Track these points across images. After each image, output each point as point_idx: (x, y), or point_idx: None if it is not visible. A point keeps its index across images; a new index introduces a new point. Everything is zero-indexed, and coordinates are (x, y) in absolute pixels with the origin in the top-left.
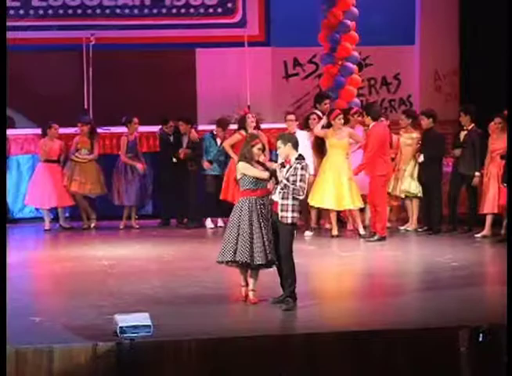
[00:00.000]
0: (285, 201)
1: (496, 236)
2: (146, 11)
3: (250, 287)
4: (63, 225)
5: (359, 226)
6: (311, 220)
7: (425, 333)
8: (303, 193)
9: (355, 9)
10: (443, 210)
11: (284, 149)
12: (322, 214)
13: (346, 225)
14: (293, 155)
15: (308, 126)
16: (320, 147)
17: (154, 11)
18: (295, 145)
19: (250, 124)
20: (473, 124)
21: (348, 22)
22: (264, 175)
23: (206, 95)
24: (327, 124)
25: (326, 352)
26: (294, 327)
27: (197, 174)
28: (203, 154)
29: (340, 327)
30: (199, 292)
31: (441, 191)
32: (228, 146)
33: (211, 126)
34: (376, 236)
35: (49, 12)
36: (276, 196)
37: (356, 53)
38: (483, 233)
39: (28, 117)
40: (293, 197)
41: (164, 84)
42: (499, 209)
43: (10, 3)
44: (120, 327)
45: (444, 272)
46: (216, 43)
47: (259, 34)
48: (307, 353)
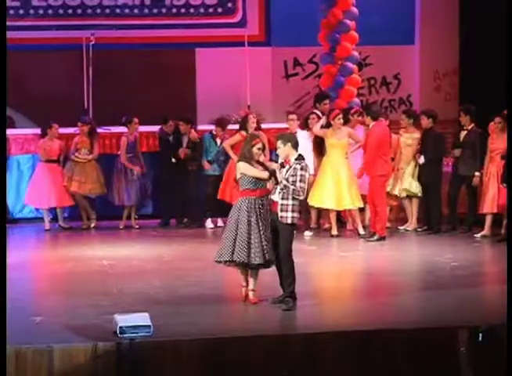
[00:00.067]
0: (285, 201)
1: (496, 236)
2: (145, 11)
3: (250, 286)
4: (62, 226)
5: (359, 226)
6: (311, 220)
7: (425, 333)
8: (303, 193)
9: (355, 9)
10: (443, 210)
11: (284, 149)
12: (322, 214)
13: (346, 225)
14: (292, 155)
15: (308, 126)
16: (320, 147)
17: (154, 11)
18: (295, 145)
19: (252, 125)
20: (473, 124)
21: (348, 22)
22: (263, 175)
23: (206, 95)
24: (327, 124)
25: (325, 352)
26: (294, 327)
27: (197, 174)
28: (203, 154)
29: (340, 326)
30: (199, 292)
31: (440, 191)
32: (228, 146)
33: (211, 126)
34: (376, 236)
35: (49, 11)
36: (276, 196)
37: (356, 53)
38: (483, 232)
39: (28, 117)
40: (293, 197)
41: (163, 84)
42: (498, 209)
43: (10, 3)
44: (119, 327)
45: (444, 271)
46: (216, 43)
47: (259, 33)
48: (307, 353)
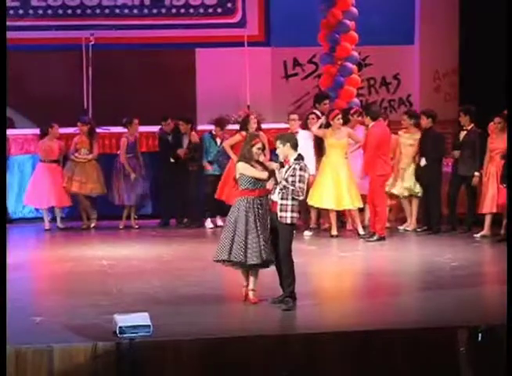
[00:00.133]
0: (284, 201)
1: (496, 236)
2: (145, 11)
3: (250, 286)
4: (59, 226)
5: (358, 226)
6: (311, 220)
7: (424, 333)
8: (302, 194)
9: (355, 9)
10: (443, 210)
11: (283, 149)
12: (322, 214)
13: (346, 225)
14: (291, 155)
15: (308, 126)
16: (319, 147)
17: (154, 11)
18: (294, 145)
19: (253, 125)
20: (472, 124)
21: (348, 22)
22: (262, 175)
23: (206, 95)
24: (326, 124)
25: (325, 352)
26: (294, 327)
27: (197, 174)
28: (204, 155)
29: (340, 326)
30: (198, 292)
31: (440, 191)
32: (228, 146)
33: (211, 126)
34: (376, 236)
35: (48, 12)
36: (276, 196)
37: (356, 53)
38: (482, 232)
39: (28, 117)
40: (292, 197)
41: (163, 84)
42: (498, 209)
43: (10, 3)
44: (119, 327)
45: (443, 272)
46: (216, 43)
47: (259, 34)
48: (307, 353)
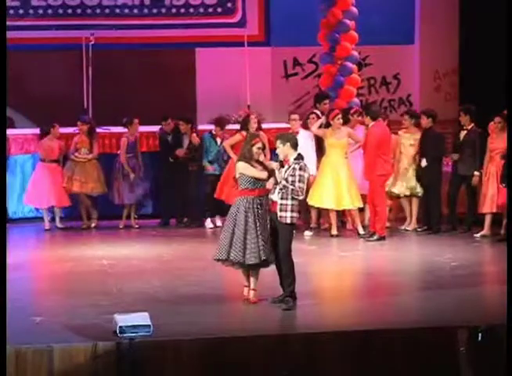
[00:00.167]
0: (284, 201)
1: (496, 236)
2: (145, 11)
3: (251, 286)
4: (58, 226)
5: (358, 226)
6: (311, 220)
7: (424, 332)
8: (302, 193)
9: (355, 9)
10: (443, 210)
11: (283, 149)
12: (322, 213)
13: (346, 224)
14: (291, 155)
15: (308, 125)
16: (319, 147)
17: (154, 11)
18: (294, 145)
19: (253, 125)
20: (473, 124)
21: (348, 21)
22: (262, 175)
23: (206, 95)
24: (326, 124)
25: (325, 352)
26: (294, 327)
27: (198, 174)
28: (204, 155)
29: (340, 326)
30: (198, 292)
31: (440, 191)
32: (228, 146)
33: (211, 126)
34: (376, 236)
35: (49, 11)
36: (275, 196)
37: (356, 53)
38: (482, 232)
39: (28, 117)
40: (292, 197)
41: (163, 84)
42: (498, 209)
43: (10, 3)
44: (119, 327)
45: (443, 271)
46: (216, 43)
47: (259, 33)
48: (307, 353)
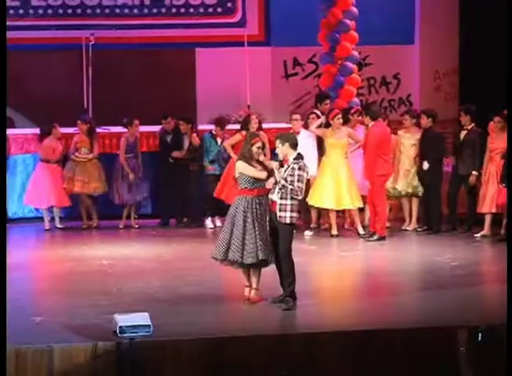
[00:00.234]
0: (283, 201)
1: (496, 236)
2: (145, 11)
3: (253, 285)
4: (58, 226)
5: (358, 226)
6: (312, 220)
7: (424, 332)
8: (301, 193)
9: (355, 9)
10: (443, 210)
11: (282, 148)
12: (322, 213)
13: (344, 224)
14: (291, 155)
15: (308, 125)
16: (319, 147)
17: (154, 10)
18: (293, 145)
19: (254, 125)
20: (473, 124)
21: (348, 21)
22: (261, 175)
23: (206, 95)
24: (326, 124)
25: (325, 352)
26: (294, 327)
27: (198, 174)
28: (204, 155)
29: (340, 326)
30: (198, 292)
31: (440, 191)
32: (228, 145)
33: (211, 126)
34: (376, 236)
35: (49, 11)
36: (275, 196)
37: (356, 53)
38: (482, 232)
39: (28, 117)
40: (291, 196)
41: (163, 84)
42: (497, 208)
43: (10, 3)
44: (119, 327)
45: (443, 271)
46: (216, 43)
47: (259, 33)
48: (307, 353)
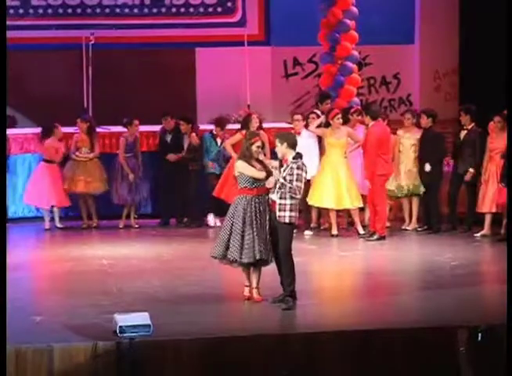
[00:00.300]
0: (283, 201)
1: (496, 236)
2: (145, 10)
3: (254, 285)
4: (58, 226)
5: (358, 225)
6: (312, 219)
7: (424, 332)
8: (299, 192)
9: (355, 9)
10: (443, 209)
11: (281, 148)
12: (322, 213)
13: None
14: (289, 154)
15: (309, 125)
16: (319, 146)
17: (154, 10)
18: (292, 144)
19: (254, 124)
20: (473, 124)
21: (348, 21)
22: (260, 175)
23: (206, 95)
24: (326, 124)
25: (325, 352)
26: (294, 327)
27: (197, 173)
28: (204, 154)
29: (340, 326)
30: (198, 291)
31: (439, 190)
32: (229, 145)
33: (211, 126)
34: (376, 236)
35: (49, 11)
36: (275, 195)
37: (356, 52)
38: (483, 232)
39: (28, 117)
40: (290, 196)
41: (163, 84)
42: (497, 208)
43: (10, 2)
44: (119, 327)
45: (443, 271)
46: (216, 42)
47: (259, 33)
48: (306, 353)
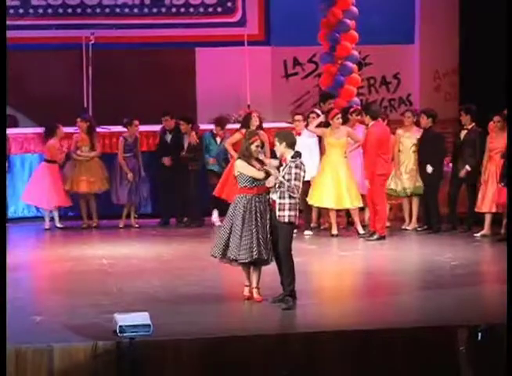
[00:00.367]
0: (282, 200)
1: (496, 236)
2: (145, 10)
3: (254, 284)
4: (58, 226)
5: (358, 225)
6: (312, 219)
7: (424, 332)
8: (297, 191)
9: (355, 8)
10: (443, 209)
11: (279, 147)
12: (322, 213)
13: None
14: (288, 153)
15: (308, 125)
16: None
17: (154, 10)
18: (290, 144)
19: (254, 123)
20: (473, 124)
21: (348, 21)
22: (259, 175)
23: (206, 95)
24: (326, 124)
25: (325, 352)
26: (294, 326)
27: (197, 173)
28: (204, 153)
29: (340, 326)
30: (198, 291)
31: (438, 190)
32: (229, 145)
33: (211, 125)
34: (376, 236)
35: (49, 11)
36: (274, 195)
37: (356, 52)
38: (482, 232)
39: (28, 117)
40: (289, 195)
41: (163, 84)
42: (497, 208)
43: (10, 2)
44: (119, 326)
45: (443, 271)
46: (216, 42)
47: (259, 33)
48: (306, 352)
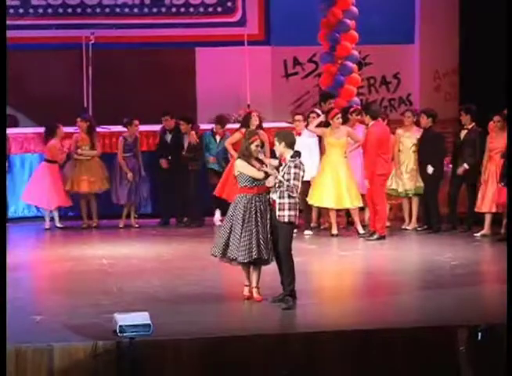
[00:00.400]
0: (281, 200)
1: (496, 235)
2: (145, 10)
3: (254, 284)
4: (58, 226)
5: (358, 225)
6: (312, 219)
7: (424, 332)
8: (296, 191)
9: (355, 8)
10: (444, 209)
11: (279, 147)
12: (322, 213)
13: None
14: (287, 153)
15: (308, 124)
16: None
17: (154, 10)
18: (289, 144)
19: (254, 122)
20: (473, 124)
21: (348, 21)
22: (259, 175)
23: (206, 95)
24: (326, 123)
25: (325, 352)
26: (294, 326)
27: (197, 173)
28: (204, 151)
29: (340, 325)
30: (198, 291)
31: (438, 190)
32: (229, 144)
33: (211, 125)
34: (376, 235)
35: (49, 10)
36: (274, 195)
37: (356, 52)
38: (482, 232)
39: (28, 116)
40: (289, 195)
41: (163, 84)
42: (497, 208)
43: (10, 2)
44: (119, 326)
45: (443, 271)
46: (216, 42)
47: (259, 33)
48: (306, 352)
